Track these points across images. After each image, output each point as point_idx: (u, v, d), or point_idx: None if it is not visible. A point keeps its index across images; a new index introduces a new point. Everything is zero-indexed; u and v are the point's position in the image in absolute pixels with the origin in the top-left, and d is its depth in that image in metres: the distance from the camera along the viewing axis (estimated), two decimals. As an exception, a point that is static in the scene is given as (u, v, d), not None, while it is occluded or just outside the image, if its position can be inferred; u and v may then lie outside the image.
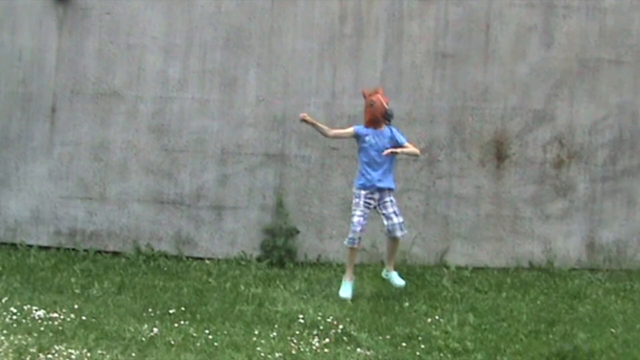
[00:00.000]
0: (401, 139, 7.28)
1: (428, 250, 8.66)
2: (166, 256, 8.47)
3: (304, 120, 7.26)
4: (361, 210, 7.16)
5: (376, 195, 7.21)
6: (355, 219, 7.15)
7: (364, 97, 7.29)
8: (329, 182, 8.62)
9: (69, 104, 8.60)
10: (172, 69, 8.62)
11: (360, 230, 7.14)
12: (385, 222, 7.23)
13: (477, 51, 8.71)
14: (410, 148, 7.34)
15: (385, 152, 7.14)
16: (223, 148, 8.63)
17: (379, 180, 7.18)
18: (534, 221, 8.74)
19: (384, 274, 7.52)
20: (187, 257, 8.52)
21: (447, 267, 8.53)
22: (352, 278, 7.28)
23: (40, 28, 8.60)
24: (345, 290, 7.21)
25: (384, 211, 7.22)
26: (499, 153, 8.74)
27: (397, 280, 7.37)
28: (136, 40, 8.61)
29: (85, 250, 8.49)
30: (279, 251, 8.48)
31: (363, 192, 7.19)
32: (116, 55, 8.61)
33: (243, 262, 8.44)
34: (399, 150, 7.19)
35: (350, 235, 7.18)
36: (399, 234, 7.23)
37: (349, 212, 7.43)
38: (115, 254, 8.50)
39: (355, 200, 7.21)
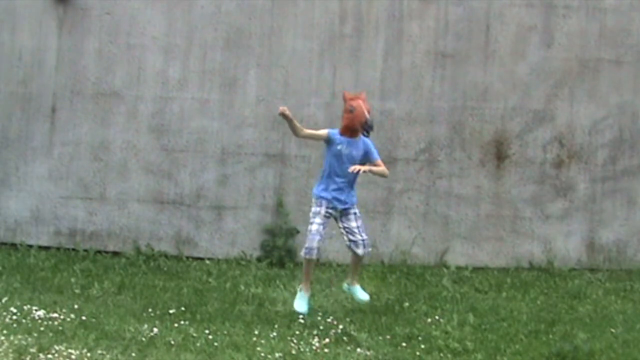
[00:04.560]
0: (375, 155, 6.64)
1: (428, 250, 8.66)
2: (166, 256, 8.47)
3: (282, 115, 6.41)
4: (321, 219, 6.58)
5: (339, 207, 6.63)
6: (314, 227, 6.57)
7: (344, 100, 6.60)
8: (329, 182, 8.62)
9: (69, 104, 8.60)
10: (172, 69, 8.62)
11: (319, 240, 6.56)
12: (346, 238, 6.66)
13: (477, 51, 8.71)
14: (381, 168, 6.63)
15: (352, 168, 6.48)
16: (223, 148, 8.62)
17: (344, 198, 6.59)
18: (534, 221, 8.74)
19: (344, 287, 6.98)
20: (187, 257, 8.51)
21: (447, 267, 8.53)
22: (308, 290, 6.69)
23: (40, 28, 8.59)
24: (301, 304, 6.61)
25: (346, 224, 6.65)
26: (499, 153, 8.74)
27: (361, 295, 6.83)
28: (136, 40, 8.60)
29: (85, 250, 8.48)
30: (279, 251, 8.47)
31: (325, 202, 6.60)
32: (116, 55, 8.61)
33: (243, 262, 8.44)
34: (367, 168, 6.53)
35: (308, 245, 6.57)
36: (361, 251, 6.65)
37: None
38: (115, 254, 8.49)
39: (316, 209, 6.61)
